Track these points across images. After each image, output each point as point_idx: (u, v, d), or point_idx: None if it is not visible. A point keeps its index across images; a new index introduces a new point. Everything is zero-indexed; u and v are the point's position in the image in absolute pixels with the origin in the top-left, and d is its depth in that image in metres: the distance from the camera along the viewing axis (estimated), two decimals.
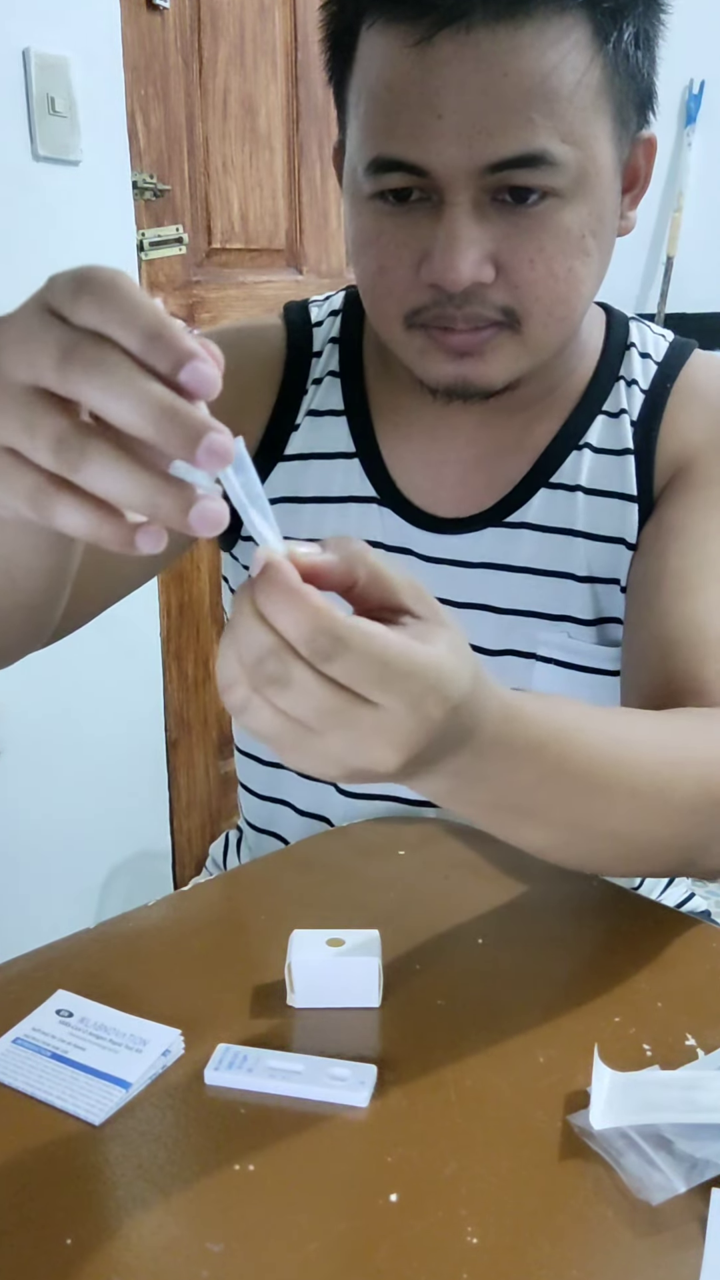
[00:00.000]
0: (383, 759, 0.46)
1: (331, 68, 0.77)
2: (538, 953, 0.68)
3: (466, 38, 0.66)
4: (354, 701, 0.45)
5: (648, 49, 0.72)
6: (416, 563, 0.87)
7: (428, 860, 0.77)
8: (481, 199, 0.70)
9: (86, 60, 1.62)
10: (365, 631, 0.44)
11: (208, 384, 0.41)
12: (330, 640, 0.43)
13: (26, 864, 1.79)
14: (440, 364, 0.76)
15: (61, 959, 0.67)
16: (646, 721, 0.67)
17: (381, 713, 0.45)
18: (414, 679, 0.45)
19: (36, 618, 0.68)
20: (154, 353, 0.41)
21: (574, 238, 0.72)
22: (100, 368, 0.41)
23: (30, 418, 0.42)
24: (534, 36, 0.66)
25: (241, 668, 0.45)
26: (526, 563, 0.85)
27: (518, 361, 0.76)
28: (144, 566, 0.87)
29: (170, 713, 2.05)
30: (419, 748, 0.47)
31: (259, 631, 0.44)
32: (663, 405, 0.84)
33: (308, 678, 0.44)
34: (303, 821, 0.94)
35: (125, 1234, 0.48)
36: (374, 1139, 0.53)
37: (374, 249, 0.74)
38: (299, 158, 2.09)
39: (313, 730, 0.45)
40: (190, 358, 0.41)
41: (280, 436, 0.90)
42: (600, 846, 0.65)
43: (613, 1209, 0.49)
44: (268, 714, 0.45)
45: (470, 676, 0.49)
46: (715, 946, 0.68)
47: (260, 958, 0.66)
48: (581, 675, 0.85)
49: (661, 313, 2.92)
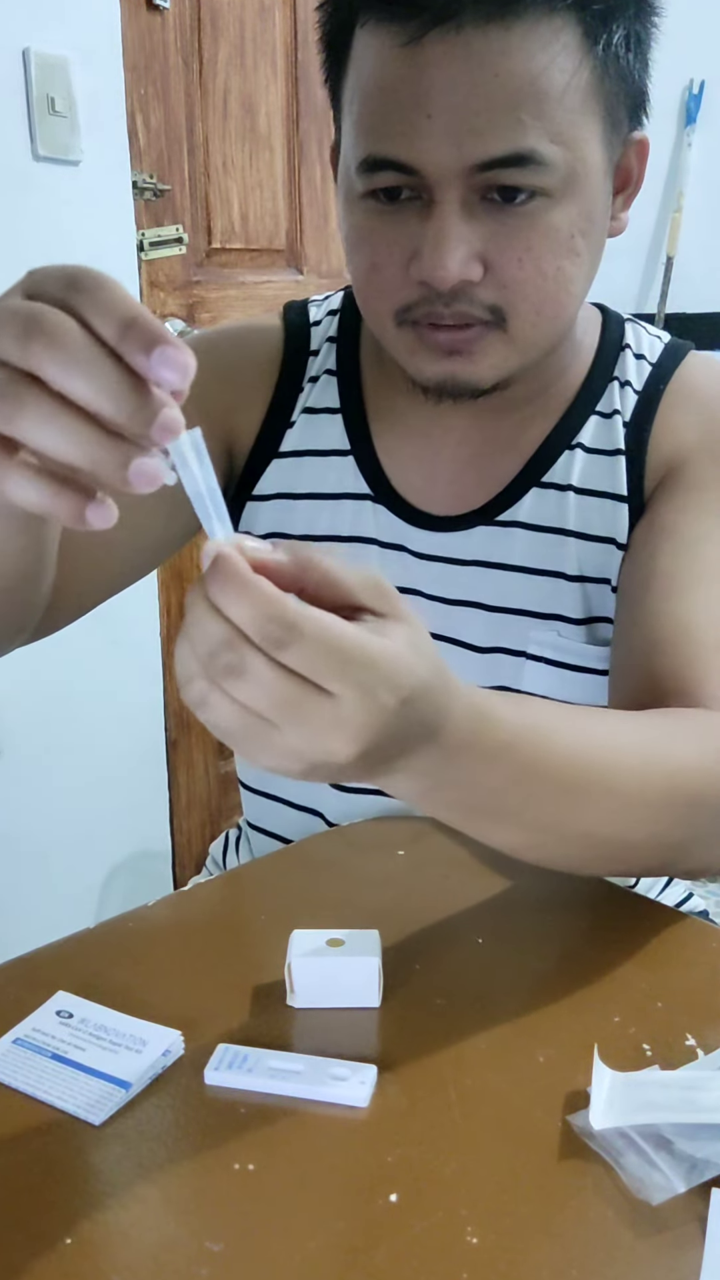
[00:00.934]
0: (338, 749, 0.46)
1: (327, 68, 0.77)
2: (537, 952, 0.68)
3: (457, 38, 0.67)
4: (308, 691, 0.45)
5: (639, 51, 0.73)
6: (409, 559, 0.87)
7: (427, 860, 0.78)
8: (470, 198, 0.70)
9: (86, 60, 1.62)
10: (317, 619, 0.44)
11: (178, 367, 0.42)
12: (282, 627, 0.44)
13: (26, 864, 1.79)
14: (429, 362, 0.76)
15: (61, 959, 0.67)
16: (623, 722, 0.67)
17: (335, 702, 0.45)
18: (365, 668, 0.45)
19: (17, 604, 0.68)
20: (128, 338, 0.42)
21: (563, 237, 0.72)
22: (60, 341, 0.42)
23: None
24: (524, 37, 0.67)
25: (197, 661, 0.45)
26: (518, 561, 0.85)
27: (506, 361, 0.76)
28: (140, 555, 0.87)
29: (170, 713, 2.05)
30: (374, 739, 0.47)
31: (212, 623, 0.44)
32: (655, 406, 0.84)
33: (262, 666, 0.44)
34: (297, 816, 0.94)
35: (125, 1234, 0.48)
36: (374, 1139, 0.53)
37: (366, 247, 0.75)
38: (299, 158, 2.09)
39: (269, 723, 0.46)
40: (163, 342, 0.42)
41: (276, 434, 0.90)
42: (576, 847, 0.65)
43: (613, 1209, 0.49)
44: (225, 707, 0.46)
45: (428, 671, 0.49)
46: (715, 946, 0.68)
47: (260, 958, 0.66)
48: (571, 674, 0.85)
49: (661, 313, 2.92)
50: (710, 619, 0.75)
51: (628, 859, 0.68)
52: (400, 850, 0.78)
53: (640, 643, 0.76)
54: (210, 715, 0.46)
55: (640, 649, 0.76)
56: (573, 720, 0.63)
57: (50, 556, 0.65)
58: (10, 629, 0.71)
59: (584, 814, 0.62)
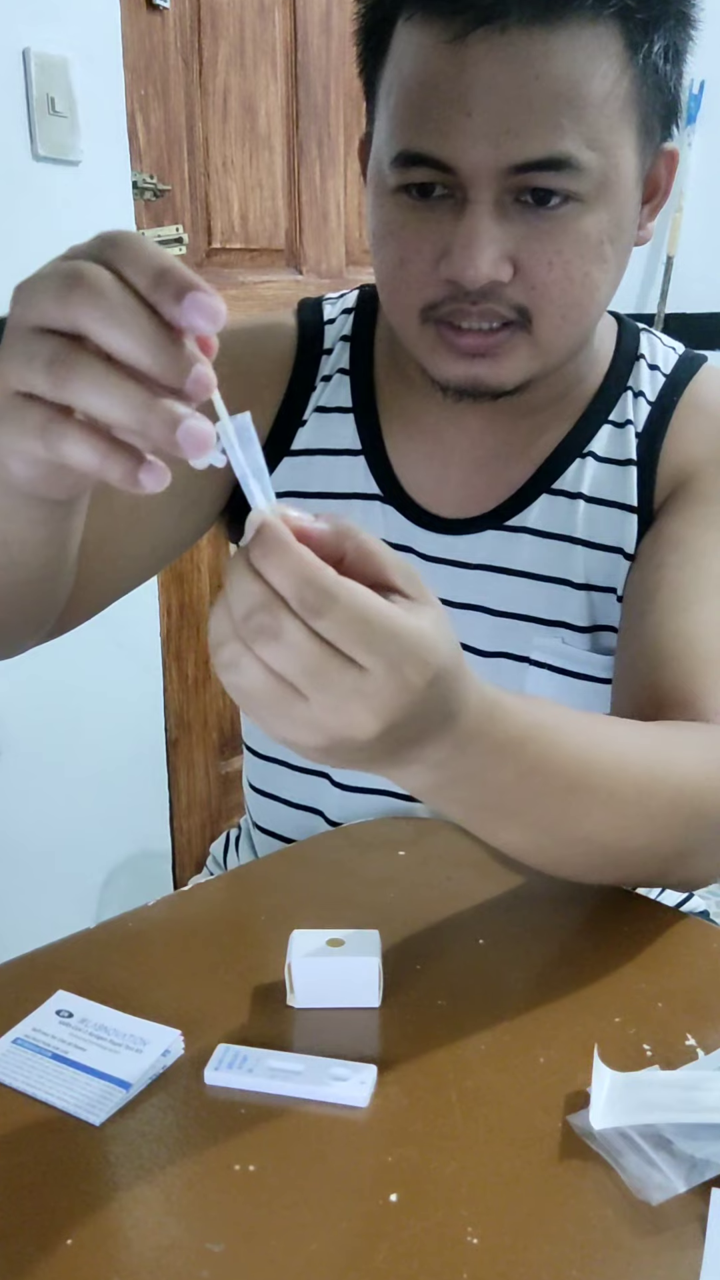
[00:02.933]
0: (362, 723, 0.47)
1: (364, 59, 0.77)
2: (538, 953, 0.68)
3: (501, 38, 0.67)
4: (338, 660, 0.45)
5: (676, 63, 0.73)
6: (417, 561, 0.87)
7: (428, 860, 0.77)
8: (504, 199, 0.70)
9: (86, 60, 1.62)
10: (353, 589, 0.45)
11: (209, 312, 0.43)
12: (319, 594, 0.44)
13: (26, 864, 1.79)
14: (452, 362, 0.76)
15: (61, 959, 0.67)
16: (629, 729, 0.67)
17: (364, 675, 0.46)
18: (396, 642, 0.46)
19: (38, 598, 0.68)
20: (161, 286, 0.43)
21: (593, 243, 0.72)
22: (98, 291, 0.43)
23: (28, 347, 0.45)
24: (567, 42, 0.67)
25: (232, 623, 0.46)
26: (525, 567, 0.85)
27: (530, 363, 0.76)
28: (154, 553, 0.87)
29: (170, 713, 2.05)
30: (398, 715, 0.47)
31: (251, 584, 0.45)
32: (668, 418, 0.85)
33: (296, 631, 0.45)
34: (299, 816, 0.94)
35: (125, 1234, 0.48)
36: (374, 1139, 0.53)
37: (395, 241, 0.75)
38: (299, 158, 2.09)
39: (296, 691, 0.46)
40: (194, 288, 0.43)
41: (288, 432, 0.90)
42: (576, 851, 0.65)
43: (613, 1209, 0.49)
44: (255, 670, 0.46)
45: (451, 653, 0.49)
46: (715, 946, 0.68)
47: (260, 958, 0.66)
48: (574, 681, 0.85)
49: (661, 313, 2.92)
50: (714, 633, 0.75)
51: (626, 866, 0.68)
52: (401, 850, 0.78)
53: (644, 654, 0.77)
54: (239, 678, 0.47)
55: (644, 660, 0.76)
56: (579, 724, 0.63)
57: (72, 550, 0.65)
58: (32, 623, 0.72)
59: (586, 817, 0.62)
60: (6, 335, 0.47)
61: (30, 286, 0.45)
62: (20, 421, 0.46)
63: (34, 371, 0.44)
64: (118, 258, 0.44)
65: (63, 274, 0.44)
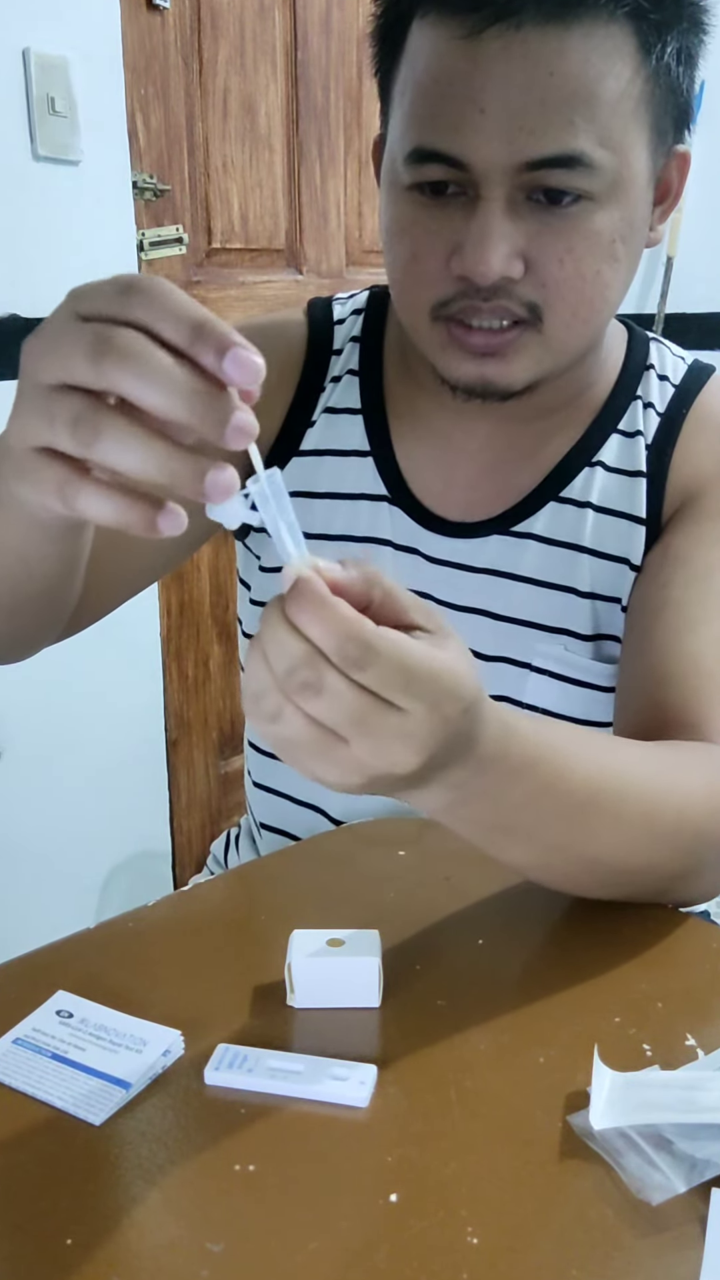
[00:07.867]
0: (404, 761, 0.48)
1: (379, 59, 0.77)
2: (538, 952, 0.68)
3: (515, 35, 0.67)
4: (381, 707, 0.47)
5: (689, 65, 0.73)
6: (422, 563, 0.87)
7: (428, 859, 0.77)
8: (516, 196, 0.71)
9: (86, 60, 1.62)
10: (393, 640, 0.46)
11: (250, 369, 0.43)
12: (360, 648, 0.45)
13: (26, 864, 1.79)
14: (461, 361, 0.76)
15: (61, 959, 0.67)
16: (636, 750, 0.68)
17: (405, 716, 0.47)
18: (434, 682, 0.47)
19: (53, 604, 0.70)
20: (199, 342, 0.43)
21: (604, 242, 0.72)
22: (134, 355, 0.43)
23: (49, 407, 0.44)
24: (582, 40, 0.67)
25: (272, 676, 0.46)
26: (529, 573, 0.85)
27: (539, 363, 0.76)
28: (161, 557, 0.88)
29: (170, 713, 2.05)
30: (437, 749, 0.49)
31: (291, 641, 0.46)
32: (677, 430, 0.84)
33: (339, 683, 0.46)
34: (300, 812, 0.94)
35: (125, 1234, 0.48)
36: (374, 1139, 0.53)
37: (407, 238, 0.75)
38: (299, 158, 2.09)
39: (339, 737, 0.47)
40: (232, 345, 0.43)
41: (296, 432, 0.91)
42: (582, 869, 0.66)
43: (613, 1209, 0.49)
44: (299, 722, 0.47)
45: (476, 682, 0.51)
46: (715, 946, 0.68)
47: (260, 958, 0.66)
48: (575, 689, 0.86)
49: (661, 313, 2.92)
50: (718, 653, 0.76)
51: (630, 884, 0.69)
52: (401, 850, 0.78)
53: (648, 672, 0.77)
54: (283, 729, 0.48)
55: (647, 678, 0.77)
56: (588, 746, 0.64)
57: (82, 561, 0.66)
58: (44, 628, 0.74)
59: (593, 838, 0.63)
60: (20, 391, 0.46)
61: (45, 344, 0.45)
62: (38, 480, 0.46)
63: (56, 431, 0.44)
64: (147, 313, 0.43)
65: (91, 336, 0.43)
